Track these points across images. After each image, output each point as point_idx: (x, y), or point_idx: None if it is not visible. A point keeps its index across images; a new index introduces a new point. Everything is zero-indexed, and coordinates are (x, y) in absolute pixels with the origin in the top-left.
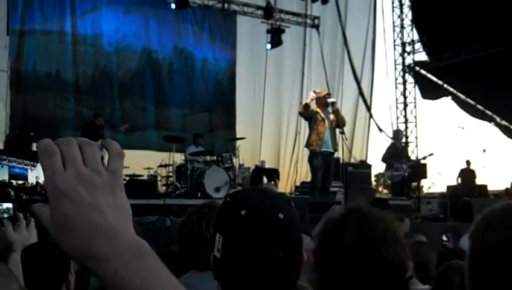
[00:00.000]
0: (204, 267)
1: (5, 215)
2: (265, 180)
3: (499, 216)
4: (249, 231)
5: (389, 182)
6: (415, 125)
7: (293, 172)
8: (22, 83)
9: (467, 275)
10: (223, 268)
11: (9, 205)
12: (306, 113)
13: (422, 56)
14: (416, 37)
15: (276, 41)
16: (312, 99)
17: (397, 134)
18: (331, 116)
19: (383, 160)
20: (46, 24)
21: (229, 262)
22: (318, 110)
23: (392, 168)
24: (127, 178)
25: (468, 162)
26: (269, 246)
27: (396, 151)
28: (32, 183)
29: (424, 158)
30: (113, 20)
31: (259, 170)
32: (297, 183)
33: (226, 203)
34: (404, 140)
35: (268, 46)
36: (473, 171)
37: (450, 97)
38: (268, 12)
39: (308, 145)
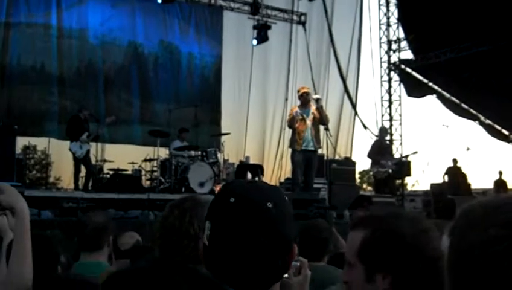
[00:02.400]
0: (186, 262)
1: None
2: (249, 176)
3: (478, 215)
4: (235, 218)
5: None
6: (400, 123)
7: (278, 168)
8: (7, 76)
9: (446, 274)
10: (210, 254)
11: None
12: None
13: (407, 54)
14: (402, 35)
15: (262, 38)
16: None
17: (383, 131)
18: (315, 112)
19: (369, 156)
20: (32, 17)
21: (216, 248)
22: (297, 109)
23: (378, 164)
24: (111, 172)
25: (455, 161)
26: (255, 234)
27: (381, 148)
28: None
29: (408, 156)
30: (99, 14)
31: (244, 166)
32: (282, 180)
33: (218, 193)
34: (388, 137)
35: (255, 42)
36: (459, 169)
37: (434, 95)
38: (254, 8)
39: (291, 145)
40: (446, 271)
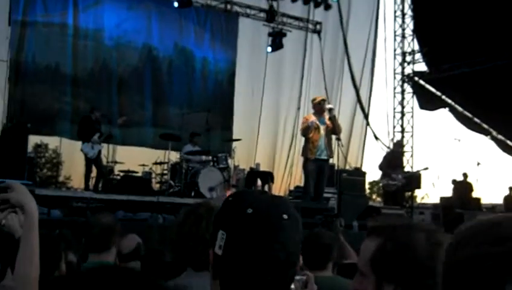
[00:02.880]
0: (201, 268)
1: None
2: (259, 183)
3: (471, 232)
4: (254, 229)
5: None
6: (411, 135)
7: (288, 176)
8: (21, 74)
9: (440, 288)
10: (225, 265)
11: None
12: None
13: (421, 66)
14: (416, 47)
15: (277, 45)
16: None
17: (397, 145)
18: (327, 122)
19: (380, 168)
20: (48, 16)
21: (231, 259)
22: (312, 117)
23: (388, 177)
24: (122, 174)
25: (465, 175)
26: (273, 246)
27: (393, 160)
28: None
29: (419, 172)
30: (115, 16)
31: (254, 173)
32: (291, 188)
33: (229, 202)
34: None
35: (269, 49)
36: (469, 184)
37: (447, 109)
38: (270, 15)
39: (303, 153)
40: (440, 285)
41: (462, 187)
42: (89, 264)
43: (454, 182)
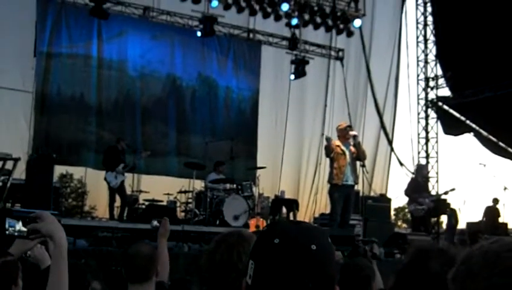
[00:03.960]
0: None
1: (16, 234)
2: (284, 210)
3: (477, 263)
4: (280, 259)
5: (409, 216)
6: (436, 161)
7: (312, 203)
8: (46, 105)
9: None
10: None
11: (22, 228)
12: (332, 155)
13: (445, 91)
14: (439, 72)
15: (299, 72)
16: (329, 144)
17: (420, 169)
18: (352, 149)
19: (406, 193)
20: (73, 47)
21: (259, 289)
22: (338, 143)
23: (415, 202)
24: (147, 203)
25: (495, 200)
26: (300, 276)
27: (418, 186)
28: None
29: (446, 193)
30: (138, 46)
31: (279, 200)
32: (316, 215)
33: (262, 232)
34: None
35: (292, 76)
36: (497, 210)
37: (472, 133)
38: (293, 43)
39: (330, 180)
40: None
41: (491, 212)
42: None
43: (486, 208)
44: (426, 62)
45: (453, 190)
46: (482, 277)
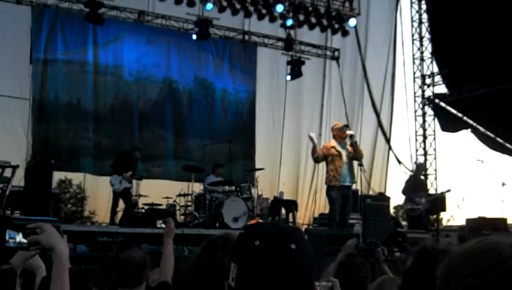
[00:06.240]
0: None
1: (12, 245)
2: (283, 211)
3: (457, 263)
4: (262, 260)
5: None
6: (434, 158)
7: (312, 203)
8: (44, 112)
9: None
10: None
11: (22, 239)
12: (319, 160)
13: (442, 89)
14: (436, 69)
15: (296, 73)
16: (313, 145)
17: (419, 167)
18: (349, 148)
19: (403, 192)
20: (68, 54)
21: None
22: (333, 144)
23: (412, 201)
24: (146, 207)
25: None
26: (282, 276)
27: (416, 184)
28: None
29: (442, 194)
30: (134, 50)
31: (278, 202)
32: (316, 215)
33: (241, 235)
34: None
35: (288, 77)
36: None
37: (469, 130)
38: (288, 44)
39: (327, 181)
40: None
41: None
42: None
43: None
44: (422, 60)
45: (448, 191)
46: (460, 275)
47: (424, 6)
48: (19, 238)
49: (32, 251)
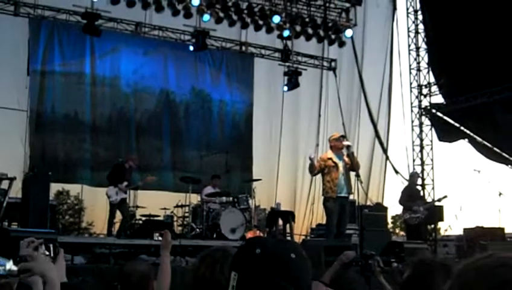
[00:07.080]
0: None
1: (2, 273)
2: (280, 222)
3: (472, 278)
4: (263, 268)
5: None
6: (432, 168)
7: (309, 213)
8: (41, 123)
9: None
10: None
11: (13, 267)
12: (316, 173)
13: (438, 99)
14: (432, 79)
15: (292, 84)
16: (312, 163)
17: (413, 176)
18: (346, 159)
19: (400, 203)
20: (66, 65)
21: None
22: (330, 155)
23: (410, 210)
24: (144, 218)
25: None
26: (282, 284)
27: (412, 194)
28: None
29: (439, 200)
30: (131, 62)
31: (275, 213)
32: (313, 225)
33: (242, 246)
34: (420, 182)
35: (285, 88)
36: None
37: (466, 140)
38: (285, 55)
39: (324, 193)
40: None
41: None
42: None
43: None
44: (419, 70)
45: (445, 197)
46: None
47: (420, 17)
48: (9, 265)
49: (22, 278)
